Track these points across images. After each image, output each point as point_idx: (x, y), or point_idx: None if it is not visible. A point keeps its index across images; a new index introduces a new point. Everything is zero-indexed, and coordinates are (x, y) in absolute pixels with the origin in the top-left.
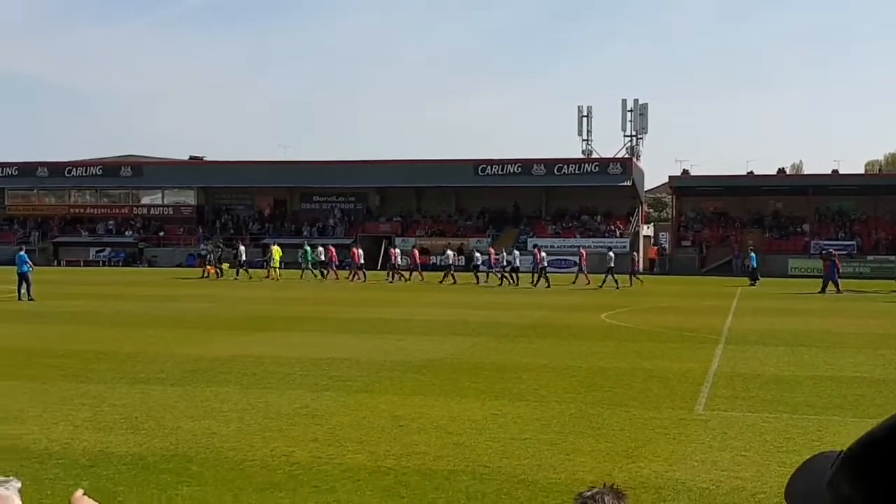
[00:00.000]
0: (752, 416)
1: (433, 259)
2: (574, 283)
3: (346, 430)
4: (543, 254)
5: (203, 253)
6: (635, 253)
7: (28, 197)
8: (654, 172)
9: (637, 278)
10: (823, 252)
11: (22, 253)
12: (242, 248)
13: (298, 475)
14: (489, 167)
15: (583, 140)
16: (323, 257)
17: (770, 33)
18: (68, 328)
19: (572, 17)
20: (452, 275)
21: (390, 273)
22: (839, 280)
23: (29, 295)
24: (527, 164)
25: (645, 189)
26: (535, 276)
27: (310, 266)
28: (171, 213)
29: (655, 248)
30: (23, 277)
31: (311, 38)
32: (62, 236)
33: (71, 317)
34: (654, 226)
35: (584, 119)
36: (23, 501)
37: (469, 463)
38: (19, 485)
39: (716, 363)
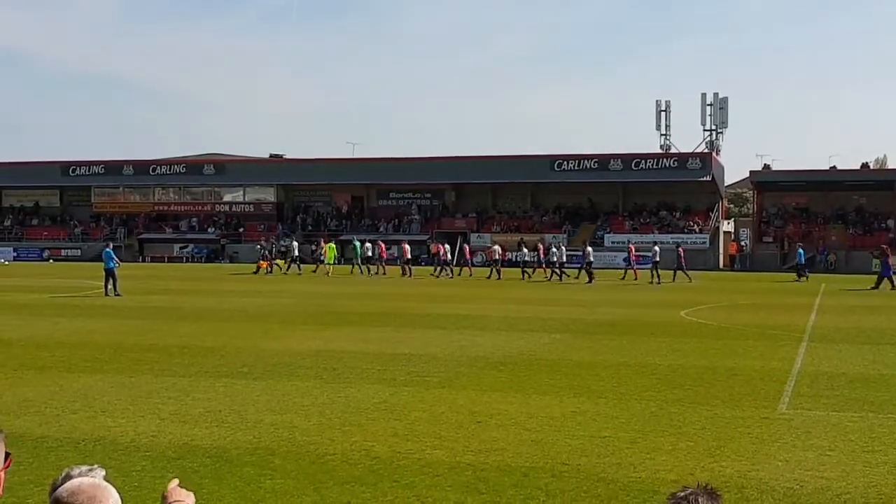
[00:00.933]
0: (836, 416)
1: (508, 255)
2: (623, 279)
3: (424, 426)
4: (589, 249)
5: (258, 249)
6: (681, 249)
7: (114, 195)
8: (735, 167)
9: (685, 274)
10: (876, 251)
11: (108, 249)
12: (295, 243)
13: (378, 469)
14: (565, 162)
15: (661, 135)
16: (371, 253)
17: (853, 24)
18: (153, 323)
19: (650, 11)
20: (498, 270)
21: (465, 268)
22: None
23: (115, 290)
24: (603, 160)
25: (725, 184)
26: (579, 271)
27: (359, 262)
28: (251, 210)
29: (736, 244)
30: (109, 273)
31: (384, 34)
32: (147, 233)
33: (156, 312)
34: (735, 221)
35: (662, 114)
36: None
37: (548, 460)
38: (104, 472)
39: (799, 361)
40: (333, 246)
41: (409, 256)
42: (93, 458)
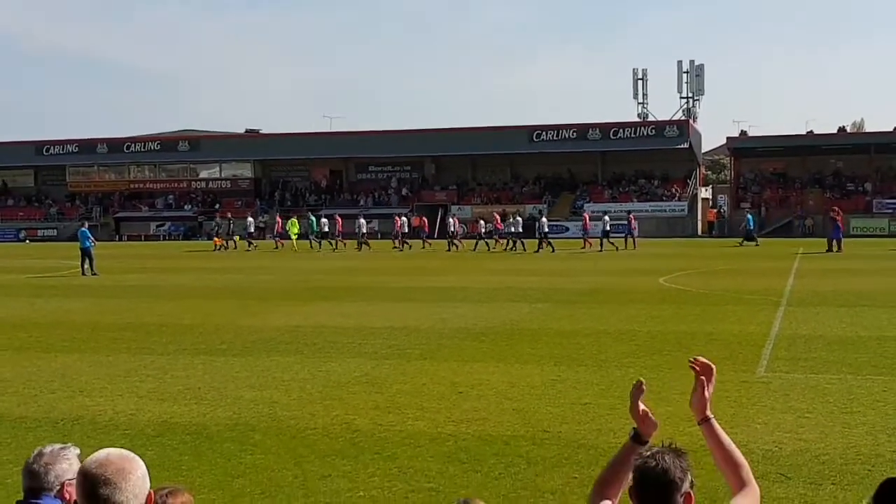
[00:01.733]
0: (814, 378)
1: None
2: (583, 249)
3: (405, 398)
4: (544, 219)
5: (213, 227)
6: (632, 216)
7: (89, 173)
8: (712, 134)
9: (611, 243)
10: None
11: (84, 229)
12: (251, 219)
13: (360, 442)
14: (544, 133)
15: (638, 103)
16: (327, 228)
17: None
18: (130, 302)
19: None
20: (487, 242)
21: (449, 243)
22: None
23: (92, 270)
24: (582, 129)
25: (703, 151)
26: (539, 242)
27: (316, 236)
28: (228, 186)
29: (714, 210)
30: (85, 253)
31: (360, 9)
32: (123, 211)
33: (133, 290)
34: (713, 188)
35: (640, 82)
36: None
37: (529, 428)
38: (78, 451)
39: (777, 325)
40: (296, 220)
41: (364, 231)
42: (71, 437)
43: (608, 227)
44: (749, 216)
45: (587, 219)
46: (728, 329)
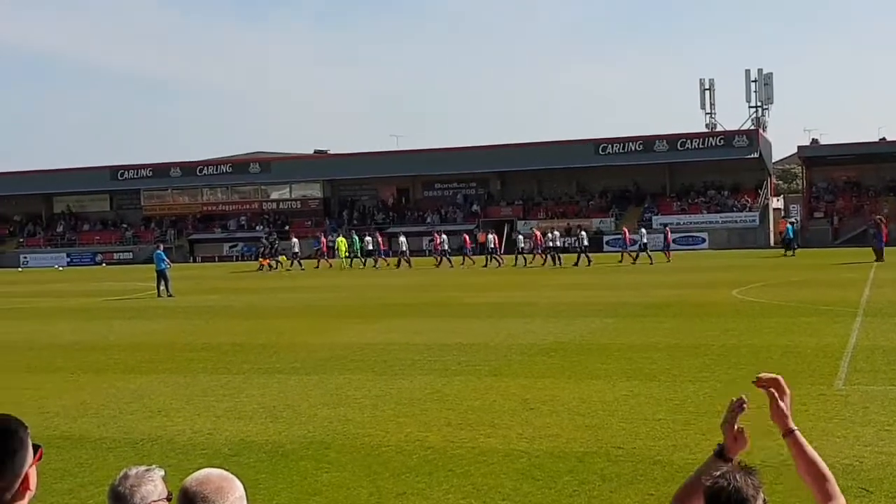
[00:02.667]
0: (894, 390)
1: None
2: (620, 261)
3: (477, 414)
4: (583, 233)
5: (260, 248)
6: (626, 229)
7: (163, 197)
8: (782, 143)
9: (648, 256)
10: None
11: (159, 251)
12: (296, 240)
13: (433, 459)
14: (610, 146)
15: (706, 114)
16: (371, 247)
17: None
18: (205, 322)
19: None
20: (496, 258)
21: (487, 258)
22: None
23: (168, 291)
24: (648, 141)
25: (773, 161)
26: (544, 256)
27: (358, 254)
28: (298, 206)
29: (785, 220)
30: (161, 275)
31: (424, 26)
32: (196, 233)
33: (207, 311)
34: (784, 198)
35: (707, 92)
36: (168, 490)
37: (602, 445)
38: (162, 472)
39: (854, 337)
40: (344, 240)
41: (405, 248)
42: (150, 457)
43: (645, 240)
44: (789, 226)
45: (626, 232)
46: (804, 341)
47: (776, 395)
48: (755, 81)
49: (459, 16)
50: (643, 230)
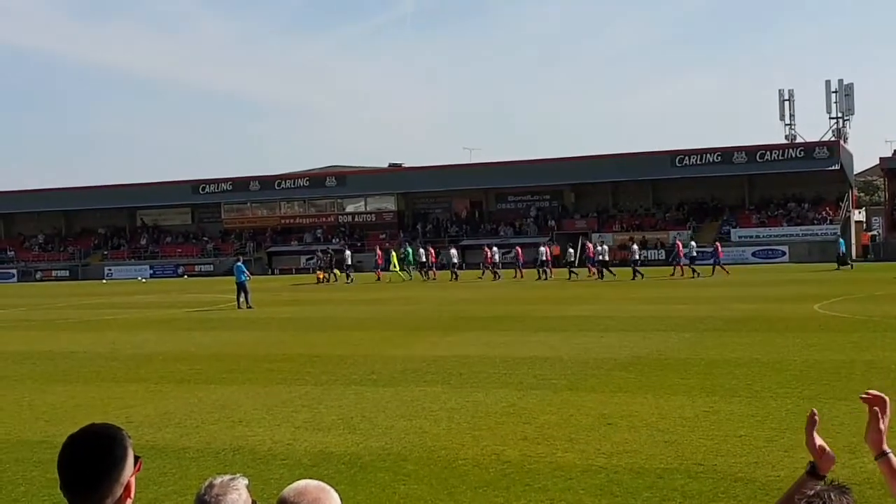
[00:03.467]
0: None
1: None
2: (672, 275)
3: (554, 429)
4: (635, 247)
5: (314, 260)
6: (679, 242)
7: (242, 210)
8: (864, 155)
9: (723, 269)
10: None
11: (239, 263)
12: (349, 252)
13: (510, 474)
14: (687, 157)
15: (785, 125)
16: (424, 259)
17: None
18: (284, 334)
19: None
20: (546, 270)
21: (598, 269)
22: None
23: (247, 303)
24: (727, 153)
25: (855, 172)
26: (594, 268)
27: (412, 266)
28: (373, 219)
29: (868, 233)
30: (241, 287)
31: (495, 39)
32: (275, 246)
33: (286, 323)
34: (867, 210)
35: (786, 103)
36: (253, 498)
37: (682, 461)
38: (246, 482)
39: None
40: (395, 252)
41: (455, 261)
42: (232, 467)
43: (695, 254)
44: (841, 240)
45: (680, 246)
46: (888, 357)
47: (878, 414)
48: (835, 92)
49: (537, 32)
50: (693, 243)
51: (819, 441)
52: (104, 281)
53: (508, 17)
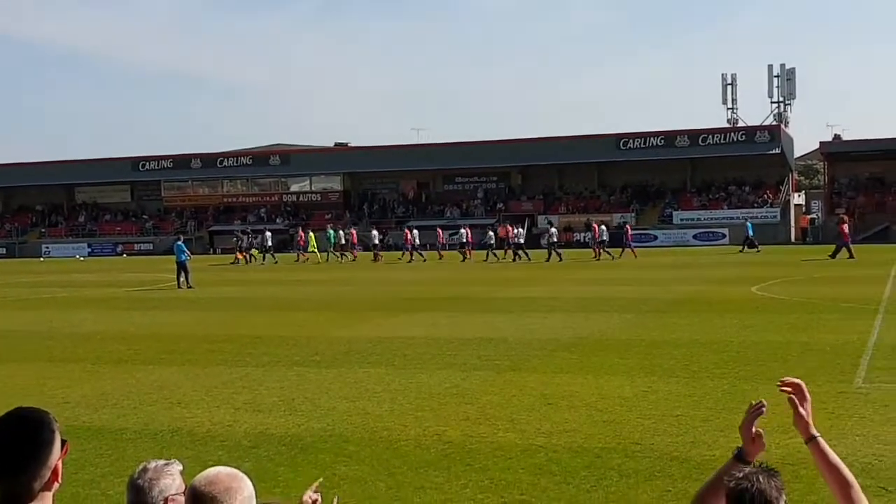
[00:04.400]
0: None
1: (577, 236)
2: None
3: (496, 409)
4: (553, 230)
5: (235, 241)
6: (595, 225)
7: (183, 188)
8: (805, 139)
9: (606, 252)
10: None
11: (179, 243)
12: (269, 234)
13: (451, 454)
14: (631, 140)
15: (727, 109)
16: (344, 241)
17: None
18: (226, 314)
19: None
20: (558, 252)
21: (513, 252)
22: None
23: (188, 283)
24: (670, 136)
25: (795, 156)
26: (511, 251)
27: (333, 249)
28: (318, 199)
29: (807, 216)
30: (181, 266)
31: (447, 17)
32: (216, 225)
33: (228, 303)
34: (806, 194)
35: (729, 87)
36: (186, 484)
37: (620, 440)
38: (180, 467)
39: (875, 334)
40: (312, 234)
41: (376, 242)
42: (170, 448)
43: (605, 237)
44: (748, 223)
45: (596, 228)
46: (824, 339)
47: (797, 401)
48: (777, 76)
49: (485, 12)
50: (604, 227)
51: (756, 429)
52: (41, 259)
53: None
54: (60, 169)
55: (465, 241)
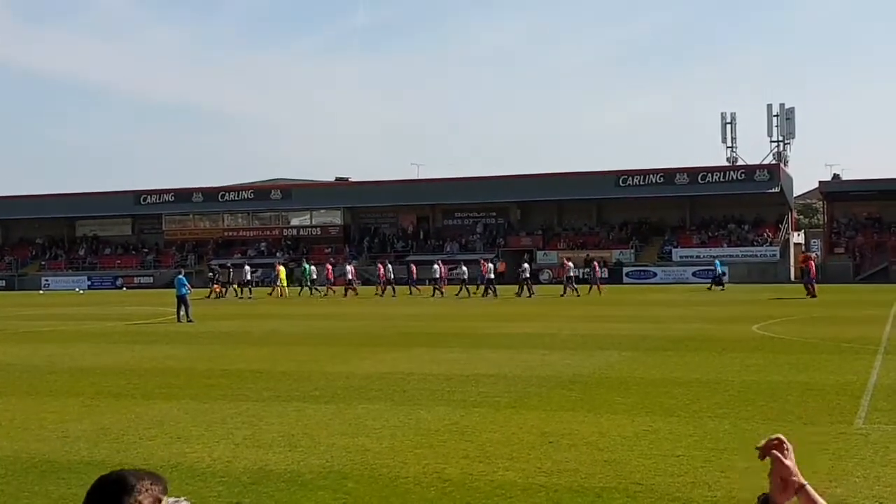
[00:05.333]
0: None
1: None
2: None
3: (496, 447)
4: (490, 265)
5: (209, 275)
6: (595, 263)
7: (184, 222)
8: (804, 178)
9: (574, 289)
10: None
11: (181, 276)
12: (248, 268)
13: (451, 492)
14: (630, 178)
15: (727, 147)
16: (315, 276)
17: None
18: (225, 348)
19: (708, 23)
20: (574, 288)
21: (522, 287)
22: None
23: (188, 317)
24: (669, 174)
25: (794, 195)
26: (484, 287)
27: (308, 283)
28: (318, 233)
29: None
30: (181, 300)
31: (445, 54)
32: (217, 259)
33: (227, 337)
34: (805, 233)
35: (728, 126)
36: None
37: (621, 480)
38: None
39: (875, 374)
40: (283, 268)
41: (351, 277)
42: (170, 484)
43: (571, 274)
44: (717, 261)
45: (597, 266)
46: (824, 379)
47: (779, 458)
48: (777, 116)
49: (488, 50)
50: (571, 264)
51: (787, 474)
52: (41, 292)
53: (460, 32)
54: (62, 202)
55: (437, 276)
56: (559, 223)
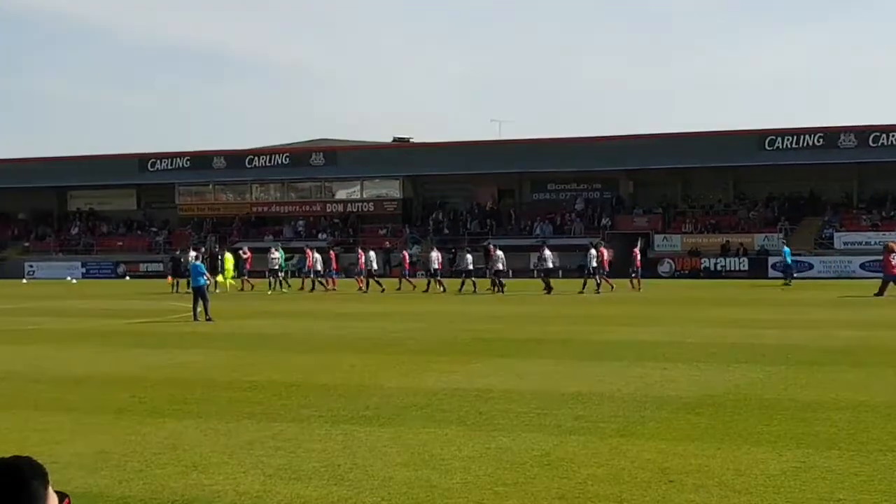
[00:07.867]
0: None
1: (703, 262)
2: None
3: (599, 486)
4: (500, 253)
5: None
6: (602, 249)
7: (203, 194)
8: None
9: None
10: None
11: (197, 262)
12: (277, 253)
13: None
14: (780, 139)
15: None
16: (320, 266)
17: None
18: (253, 354)
19: None
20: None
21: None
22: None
23: (206, 314)
24: (831, 134)
25: None
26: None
27: (282, 272)
28: (371, 209)
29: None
30: (198, 292)
31: None
32: (243, 241)
33: (255, 340)
34: None
35: None
36: None
37: None
38: None
39: None
40: (230, 256)
41: (372, 267)
42: None
43: (594, 264)
44: (786, 249)
45: (604, 253)
46: None
47: None
48: None
49: None
50: (592, 252)
51: None
52: (25, 281)
53: None
54: (50, 168)
55: (435, 267)
56: (684, 199)
